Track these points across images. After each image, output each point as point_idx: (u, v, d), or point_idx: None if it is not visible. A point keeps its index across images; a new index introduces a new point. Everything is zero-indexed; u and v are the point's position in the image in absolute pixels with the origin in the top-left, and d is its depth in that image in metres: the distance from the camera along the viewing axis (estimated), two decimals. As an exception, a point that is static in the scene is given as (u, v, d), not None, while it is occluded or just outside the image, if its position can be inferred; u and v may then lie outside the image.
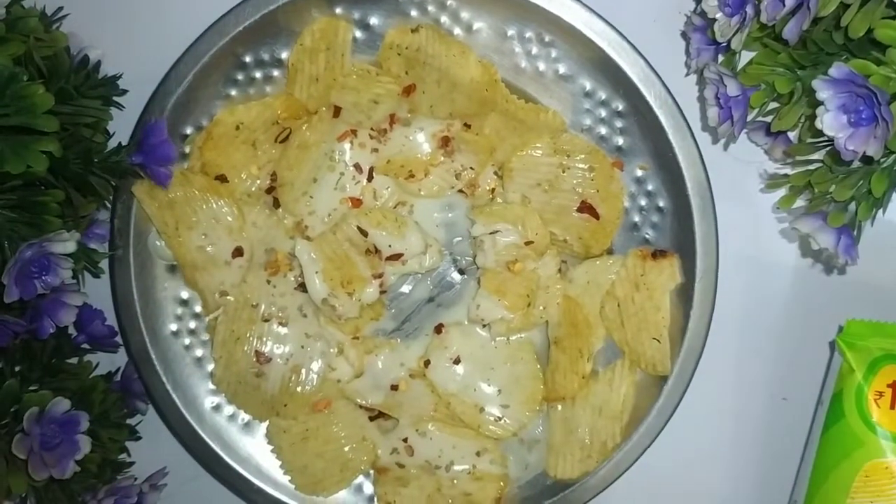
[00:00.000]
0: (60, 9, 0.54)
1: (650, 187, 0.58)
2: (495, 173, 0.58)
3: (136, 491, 0.57)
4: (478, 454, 0.57)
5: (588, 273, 0.58)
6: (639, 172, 0.58)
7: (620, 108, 0.57)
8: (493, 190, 0.58)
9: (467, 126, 0.58)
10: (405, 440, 0.54)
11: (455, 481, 0.54)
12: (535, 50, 0.57)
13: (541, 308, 0.58)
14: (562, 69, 0.57)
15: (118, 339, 0.58)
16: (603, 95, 0.57)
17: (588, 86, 0.57)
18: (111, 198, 0.55)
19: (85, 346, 0.58)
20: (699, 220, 0.56)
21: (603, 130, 0.58)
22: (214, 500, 0.62)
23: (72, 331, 0.57)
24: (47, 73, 0.48)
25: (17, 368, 0.54)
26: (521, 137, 0.57)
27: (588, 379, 0.58)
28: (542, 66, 0.57)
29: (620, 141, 0.58)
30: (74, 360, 0.58)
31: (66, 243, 0.47)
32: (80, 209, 0.51)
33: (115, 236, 0.56)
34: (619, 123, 0.57)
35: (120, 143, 0.53)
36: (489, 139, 0.58)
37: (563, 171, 0.57)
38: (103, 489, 0.55)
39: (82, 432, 0.50)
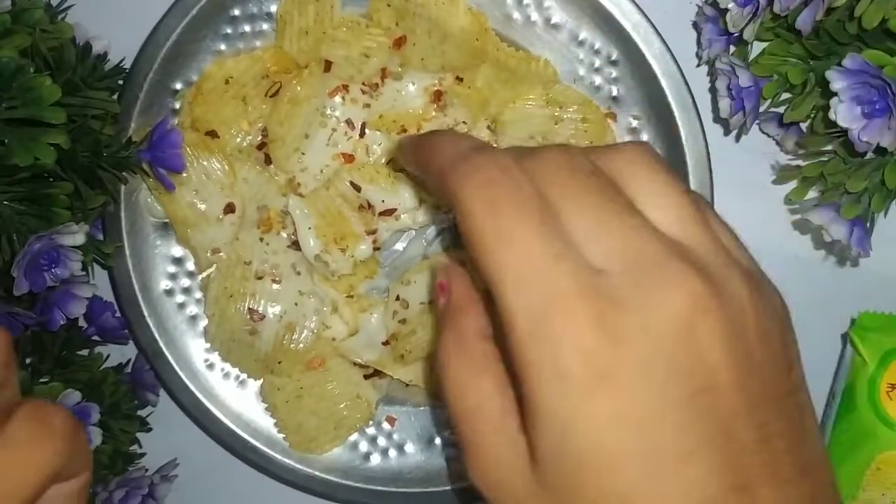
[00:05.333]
0: (65, -1, 0.53)
1: (644, 138, 0.57)
2: (488, 127, 0.57)
3: (148, 482, 0.57)
4: None
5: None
6: (633, 123, 0.57)
7: (613, 56, 0.56)
8: (486, 144, 0.57)
9: (459, 79, 0.57)
10: (398, 298, 0.56)
11: None
12: (526, -1, 0.56)
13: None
14: (553, 18, 0.56)
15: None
16: (596, 43, 0.56)
17: (580, 34, 0.56)
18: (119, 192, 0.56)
19: (95, 337, 0.58)
20: (693, 171, 0.55)
21: (596, 79, 0.57)
22: (223, 493, 0.63)
23: (82, 323, 0.57)
24: (54, 65, 0.48)
25: (27, 361, 0.55)
26: (514, 90, 0.56)
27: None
28: (533, 15, 0.56)
29: (614, 90, 0.57)
30: (85, 352, 0.58)
31: (75, 235, 0.47)
32: (89, 201, 0.51)
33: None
34: (612, 72, 0.56)
35: (130, 138, 0.53)
36: (481, 92, 0.57)
37: (556, 124, 0.56)
38: (114, 480, 0.56)
39: (93, 424, 0.51)
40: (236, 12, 0.56)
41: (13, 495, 0.30)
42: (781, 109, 0.53)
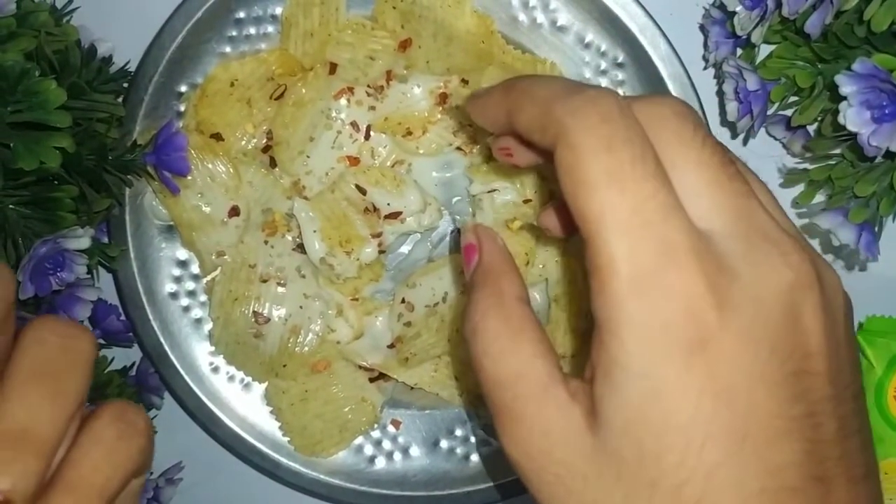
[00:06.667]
0: (70, 1, 0.53)
1: (650, 140, 0.55)
2: (494, 130, 0.56)
3: (153, 486, 0.57)
4: (462, 273, 0.57)
5: (588, 229, 0.56)
6: (639, 125, 0.56)
7: (620, 58, 0.56)
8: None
9: (465, 82, 0.56)
10: (403, 301, 0.57)
11: (451, 307, 0.57)
12: (532, 1, 0.55)
13: (540, 266, 0.57)
14: (560, 20, 0.56)
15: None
16: (602, 46, 0.56)
17: (586, 36, 0.56)
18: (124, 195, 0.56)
19: (100, 340, 0.58)
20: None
21: (602, 82, 0.56)
22: (228, 496, 0.63)
23: (87, 326, 0.57)
24: (59, 68, 0.48)
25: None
26: (520, 92, 0.55)
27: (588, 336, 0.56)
28: (539, 18, 0.56)
29: (620, 93, 0.55)
30: (89, 355, 0.59)
31: (80, 239, 0.48)
32: (94, 205, 0.51)
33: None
34: (618, 75, 0.56)
35: (135, 142, 0.53)
36: (487, 95, 0.55)
37: (563, 126, 0.55)
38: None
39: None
40: (241, 15, 0.56)
41: (105, 487, 0.31)
42: (789, 113, 0.53)
